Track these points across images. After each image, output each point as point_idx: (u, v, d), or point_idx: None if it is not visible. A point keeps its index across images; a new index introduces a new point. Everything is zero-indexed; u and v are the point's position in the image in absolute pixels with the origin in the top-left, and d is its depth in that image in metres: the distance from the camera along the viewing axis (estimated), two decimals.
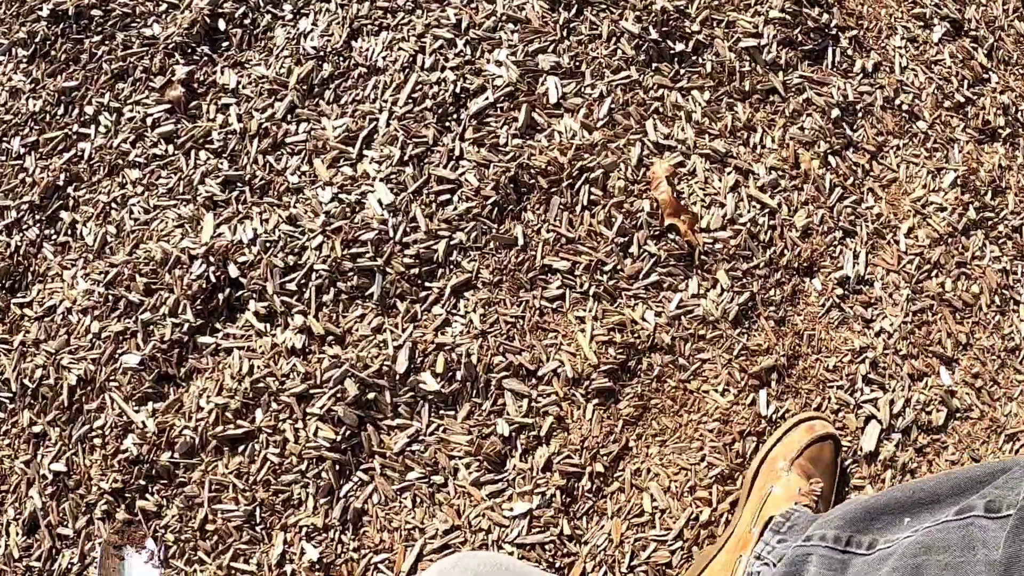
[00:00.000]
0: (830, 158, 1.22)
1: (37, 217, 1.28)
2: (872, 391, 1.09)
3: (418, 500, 1.04)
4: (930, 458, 1.07)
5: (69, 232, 1.26)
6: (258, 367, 1.10)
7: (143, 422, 1.11)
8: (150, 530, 1.08)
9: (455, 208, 1.14)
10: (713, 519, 1.03)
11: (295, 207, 1.17)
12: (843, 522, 0.80)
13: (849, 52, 1.31)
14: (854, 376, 1.09)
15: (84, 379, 1.15)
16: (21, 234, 1.27)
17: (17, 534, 1.10)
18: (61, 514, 1.11)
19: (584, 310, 1.10)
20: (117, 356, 1.15)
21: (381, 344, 1.09)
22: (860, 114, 1.27)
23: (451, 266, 1.13)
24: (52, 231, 1.27)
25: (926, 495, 0.78)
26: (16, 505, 1.12)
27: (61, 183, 1.28)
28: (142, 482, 1.09)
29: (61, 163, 1.29)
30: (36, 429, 1.16)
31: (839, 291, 1.14)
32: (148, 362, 1.14)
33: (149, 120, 1.27)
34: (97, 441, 1.12)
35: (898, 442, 1.07)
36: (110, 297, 1.18)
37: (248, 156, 1.22)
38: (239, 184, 1.21)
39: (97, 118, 1.30)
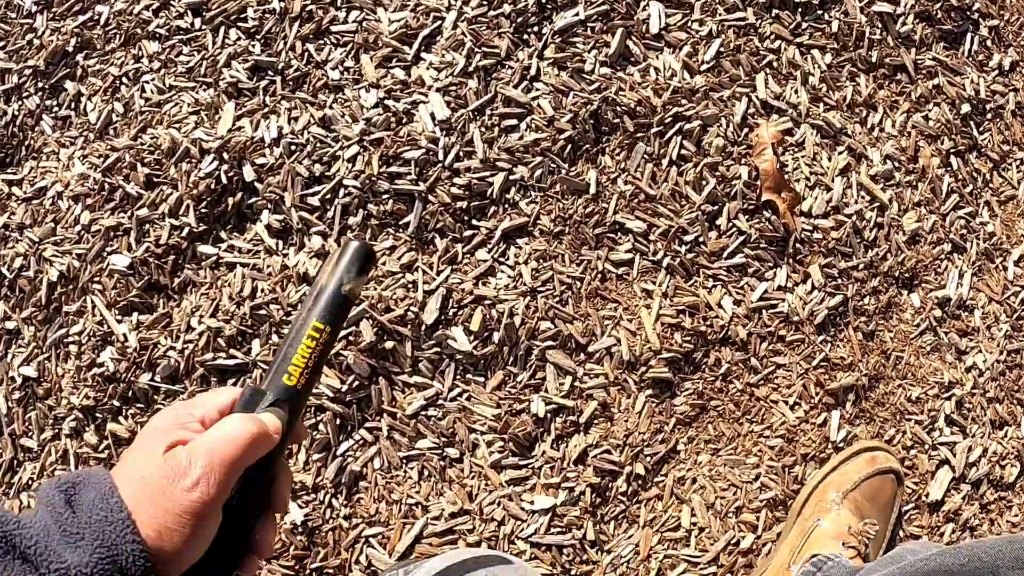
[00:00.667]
0: (952, 158, 1.04)
1: (40, 85, 1.05)
2: (952, 433, 0.94)
3: (426, 473, 0.87)
4: (993, 516, 0.94)
5: (72, 105, 1.02)
6: (262, 290, 0.89)
7: (124, 335, 0.91)
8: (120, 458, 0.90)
9: (521, 137, 0.93)
10: (755, 548, 0.89)
11: (331, 108, 0.94)
12: None
13: (988, 43, 1.11)
14: (936, 413, 0.95)
15: (66, 276, 0.94)
16: (20, 102, 1.05)
17: None
18: (26, 423, 0.93)
19: (653, 282, 0.92)
20: (105, 255, 0.94)
21: (409, 285, 0.89)
22: (989, 115, 1.08)
23: (506, 205, 0.93)
24: (54, 102, 1.03)
25: (984, 566, 0.64)
26: None
27: (71, 49, 1.04)
28: (116, 403, 0.90)
29: (74, 26, 1.04)
30: (9, 325, 0.96)
31: (937, 312, 0.98)
32: (138, 266, 0.93)
33: None
34: (73, 348, 0.92)
35: (966, 494, 0.93)
36: (106, 185, 0.96)
37: (285, 41, 0.98)
38: (270, 72, 0.97)
39: None
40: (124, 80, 1.02)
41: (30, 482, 0.92)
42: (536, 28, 0.97)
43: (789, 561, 0.85)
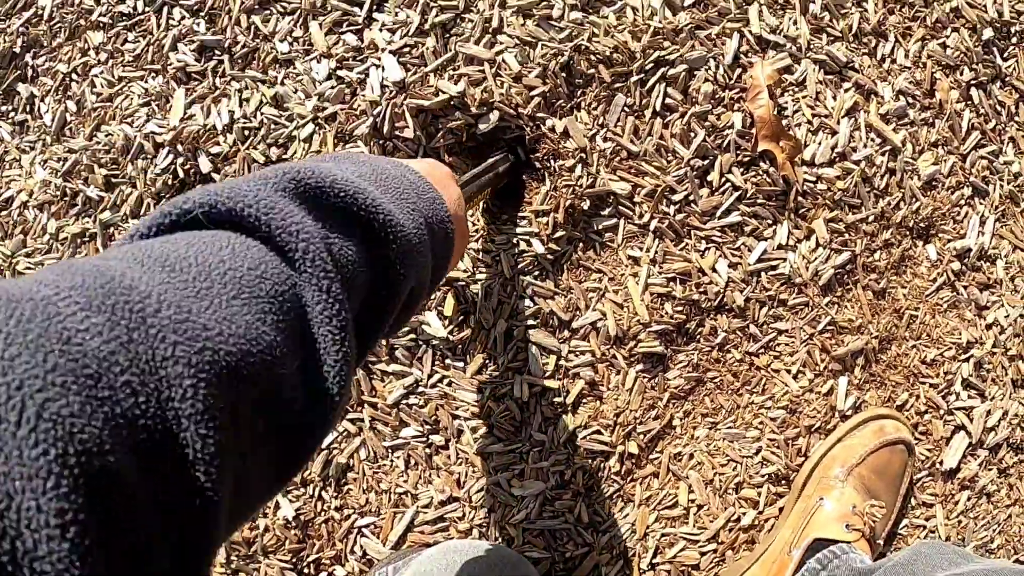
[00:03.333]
0: (972, 91, 0.87)
1: None
2: (970, 397, 0.82)
3: (412, 461, 0.78)
4: (1012, 481, 0.83)
5: (27, 109, 0.91)
6: None
7: None
8: None
9: (487, 97, 0.79)
10: (756, 524, 0.79)
11: (282, 84, 0.81)
12: None
13: None
14: (953, 376, 0.82)
15: None
16: None
17: None
18: None
19: (640, 248, 0.79)
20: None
21: None
22: (1014, 40, 0.90)
23: None
24: (9, 107, 0.92)
25: None
26: None
27: (18, 49, 0.91)
28: None
29: (19, 25, 0.91)
30: None
31: (956, 265, 0.84)
32: None
33: None
34: None
35: (983, 460, 0.82)
36: (67, 190, 0.85)
37: (230, 16, 0.84)
38: (217, 52, 0.84)
39: None
40: (74, 76, 0.90)
41: None
42: None
43: (791, 544, 0.75)
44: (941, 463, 0.81)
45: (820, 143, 0.81)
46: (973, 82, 0.87)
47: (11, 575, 0.19)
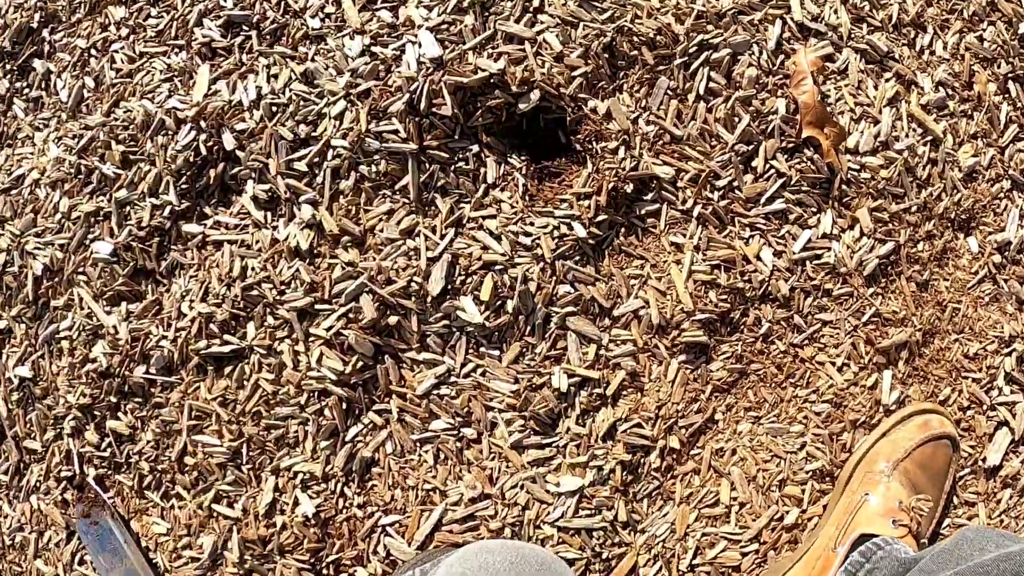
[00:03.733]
0: (1010, 84, 0.86)
1: (8, 67, 0.88)
2: (1012, 392, 0.80)
3: (442, 456, 0.74)
4: None
5: (43, 85, 0.85)
6: (253, 269, 0.74)
7: (114, 326, 0.76)
8: (122, 455, 0.77)
9: (528, 76, 0.76)
10: (800, 523, 0.75)
11: (313, 60, 0.77)
12: None
13: None
14: (996, 371, 0.80)
15: (50, 268, 0.79)
16: None
17: None
18: (28, 425, 0.80)
19: (684, 235, 0.76)
20: (87, 243, 0.79)
21: (411, 253, 0.73)
22: None
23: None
24: (24, 83, 0.87)
25: None
26: None
27: (35, 25, 0.86)
28: (113, 398, 0.76)
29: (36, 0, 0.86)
30: (0, 324, 0.81)
31: (996, 258, 0.82)
32: (122, 252, 0.78)
33: None
34: (64, 345, 0.79)
35: None
36: (82, 168, 0.80)
37: None
38: (244, 27, 0.79)
39: None
40: (93, 52, 0.85)
41: (38, 484, 0.80)
42: None
43: (836, 540, 0.72)
44: (984, 460, 0.78)
45: (863, 131, 0.79)
46: (1010, 75, 0.85)
47: None
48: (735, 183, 0.76)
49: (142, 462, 0.77)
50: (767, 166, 0.77)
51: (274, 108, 0.76)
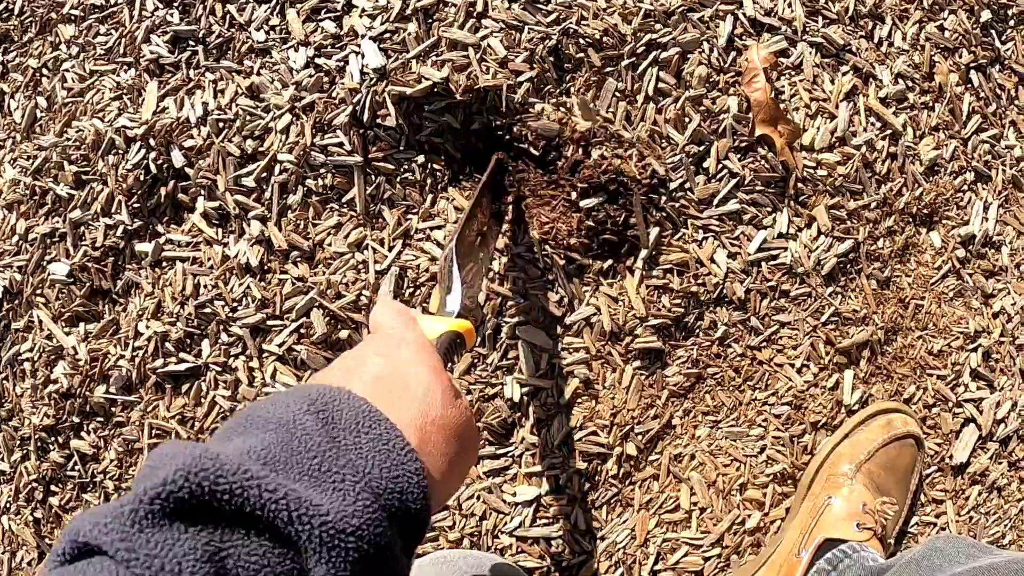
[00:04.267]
0: (972, 74, 0.83)
1: None
2: (978, 388, 0.77)
3: None
4: (1023, 475, 0.78)
5: None
6: (205, 286, 0.73)
7: (74, 347, 0.76)
8: (88, 475, 0.77)
9: (471, 84, 0.74)
10: (763, 526, 0.73)
11: (258, 74, 0.76)
12: None
13: None
14: (961, 367, 0.77)
15: (10, 291, 0.79)
16: None
17: None
18: None
19: (635, 239, 0.74)
20: (44, 264, 0.78)
21: (360, 266, 0.72)
22: (1012, 22, 0.86)
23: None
24: None
25: None
26: None
27: None
28: (75, 419, 0.76)
29: None
30: None
31: (960, 252, 0.79)
32: (78, 273, 0.77)
33: None
34: (27, 367, 0.78)
35: (993, 453, 0.77)
36: (37, 189, 0.79)
37: (204, 5, 0.78)
38: (191, 42, 0.78)
39: None
40: (44, 71, 0.84)
41: (7, 505, 0.79)
42: None
43: (800, 545, 0.70)
44: (951, 458, 0.76)
45: (819, 128, 0.77)
46: (972, 65, 0.82)
47: None
48: (687, 185, 0.74)
49: (107, 481, 0.77)
50: (720, 166, 0.75)
51: (221, 124, 0.75)
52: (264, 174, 0.74)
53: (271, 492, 0.26)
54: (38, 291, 0.79)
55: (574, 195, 0.71)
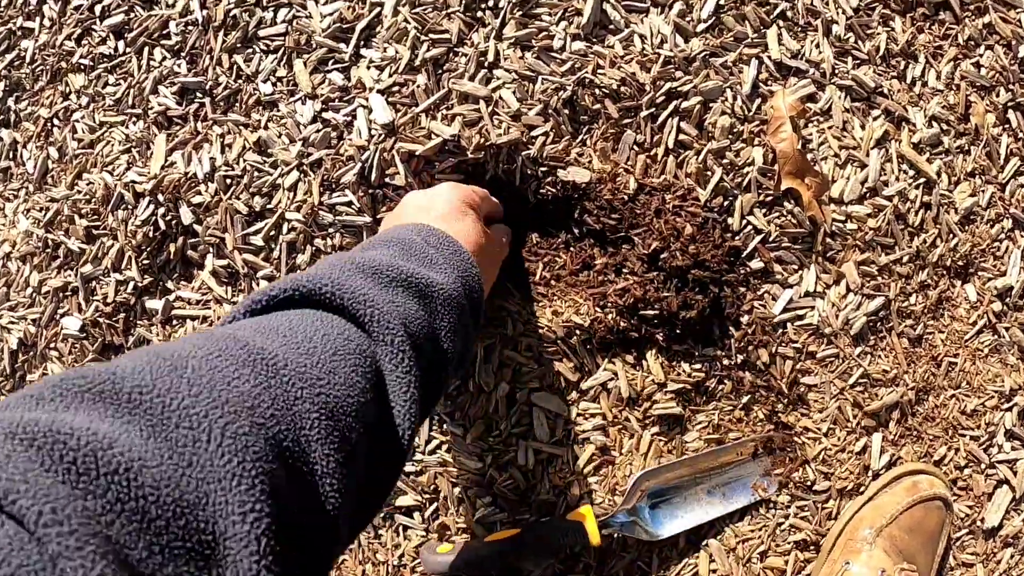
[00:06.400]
0: (1010, 113, 0.75)
1: None
2: (1013, 448, 0.71)
3: (409, 532, 0.68)
4: None
5: (10, 155, 0.81)
6: None
7: None
8: None
9: (483, 140, 0.68)
10: None
11: (265, 128, 0.70)
12: None
13: None
14: (995, 427, 0.71)
15: (25, 343, 0.76)
16: None
17: None
18: None
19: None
20: (57, 317, 0.75)
21: None
22: None
23: None
24: None
25: None
26: None
27: (1, 94, 0.81)
28: None
29: (2, 67, 0.81)
30: None
31: (997, 305, 0.72)
32: (90, 328, 0.73)
33: (97, 8, 0.77)
34: None
35: None
36: (49, 241, 0.75)
37: (211, 56, 0.73)
38: (198, 94, 0.73)
39: (41, 7, 0.80)
40: (55, 121, 0.79)
41: None
42: (491, 2, 0.70)
43: None
44: (983, 520, 0.70)
45: (848, 178, 0.70)
46: (1010, 104, 0.75)
47: (212, 550, 0.24)
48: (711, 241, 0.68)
49: None
50: (744, 222, 0.68)
51: (228, 180, 0.70)
52: (272, 232, 0.69)
53: (420, 276, 0.42)
54: (51, 344, 0.76)
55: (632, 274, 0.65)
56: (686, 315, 0.64)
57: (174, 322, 0.72)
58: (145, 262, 0.72)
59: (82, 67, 0.79)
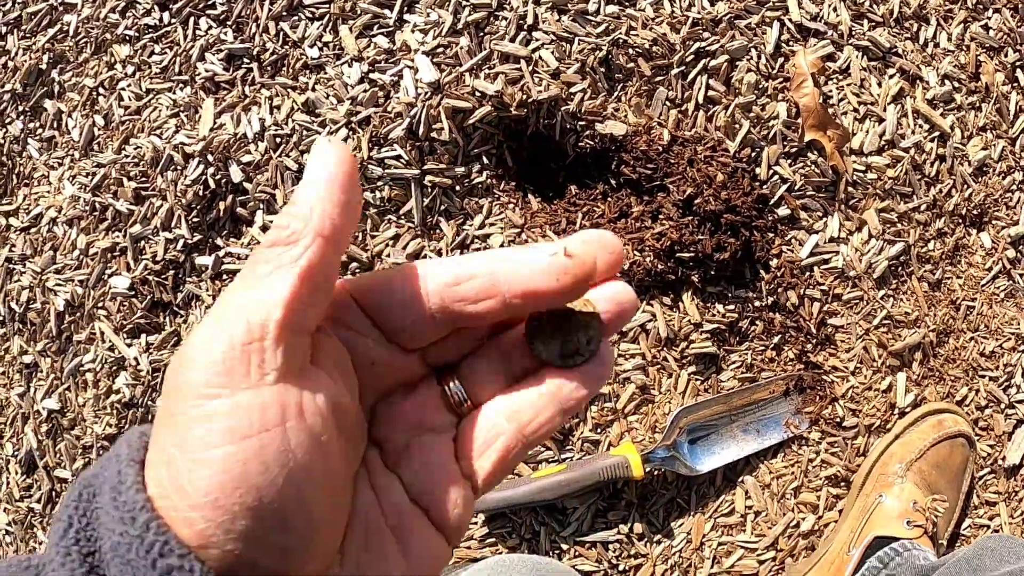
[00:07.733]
0: (1018, 73, 0.78)
1: (20, 108, 0.84)
2: None
3: None
4: None
5: (55, 124, 0.82)
6: None
7: (136, 358, 0.73)
8: None
9: (525, 97, 0.70)
10: (816, 529, 0.70)
11: (313, 90, 0.72)
12: None
13: None
14: (1013, 368, 0.73)
15: (72, 304, 0.77)
16: (4, 129, 0.84)
17: (17, 472, 0.78)
18: (58, 454, 0.77)
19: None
20: (105, 278, 0.76)
21: None
22: None
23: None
24: (37, 124, 0.83)
25: None
26: (14, 440, 0.79)
27: (44, 66, 0.83)
28: None
29: (44, 41, 0.83)
30: (27, 359, 0.79)
31: (1011, 252, 0.74)
32: (139, 286, 0.74)
33: None
34: (89, 377, 0.76)
35: None
36: (97, 205, 0.77)
37: (257, 23, 0.75)
38: (246, 60, 0.75)
39: None
40: (100, 90, 0.81)
41: None
42: None
43: (850, 543, 0.66)
44: (1004, 459, 0.72)
45: (868, 131, 0.72)
46: (1018, 63, 0.77)
47: None
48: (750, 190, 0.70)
49: None
50: (771, 172, 0.70)
51: (278, 139, 0.72)
52: None
53: None
54: (99, 304, 0.77)
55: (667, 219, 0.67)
56: (720, 256, 0.66)
57: (224, 277, 0.74)
58: (195, 220, 0.74)
59: (127, 38, 0.81)
